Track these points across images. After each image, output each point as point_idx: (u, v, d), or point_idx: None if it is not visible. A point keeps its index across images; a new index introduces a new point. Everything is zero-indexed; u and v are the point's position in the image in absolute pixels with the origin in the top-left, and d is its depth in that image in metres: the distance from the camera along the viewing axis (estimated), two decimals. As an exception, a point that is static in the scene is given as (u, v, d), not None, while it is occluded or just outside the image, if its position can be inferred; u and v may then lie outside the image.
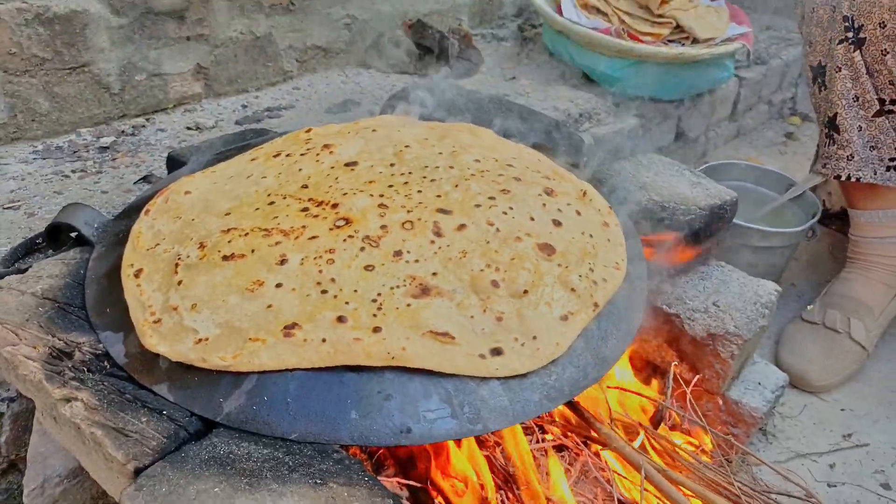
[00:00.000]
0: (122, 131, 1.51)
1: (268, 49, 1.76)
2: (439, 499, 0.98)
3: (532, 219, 0.93)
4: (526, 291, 0.83)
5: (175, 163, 1.19)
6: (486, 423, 0.74)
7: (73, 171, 1.34)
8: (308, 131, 1.12)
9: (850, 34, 1.29)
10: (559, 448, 1.08)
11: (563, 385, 0.78)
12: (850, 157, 1.36)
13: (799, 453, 1.23)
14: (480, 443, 1.05)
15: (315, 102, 1.73)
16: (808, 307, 1.48)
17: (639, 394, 1.03)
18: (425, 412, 0.73)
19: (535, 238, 0.90)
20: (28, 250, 1.07)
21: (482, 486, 0.95)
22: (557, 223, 0.94)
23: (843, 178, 1.38)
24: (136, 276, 0.85)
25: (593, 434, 0.93)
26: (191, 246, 0.87)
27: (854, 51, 1.29)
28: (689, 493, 0.92)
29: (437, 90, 1.37)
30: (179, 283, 0.82)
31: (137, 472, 0.69)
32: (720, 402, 1.12)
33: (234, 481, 0.67)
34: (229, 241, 0.86)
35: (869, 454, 1.27)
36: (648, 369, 1.18)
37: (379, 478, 0.76)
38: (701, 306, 1.11)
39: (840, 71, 1.31)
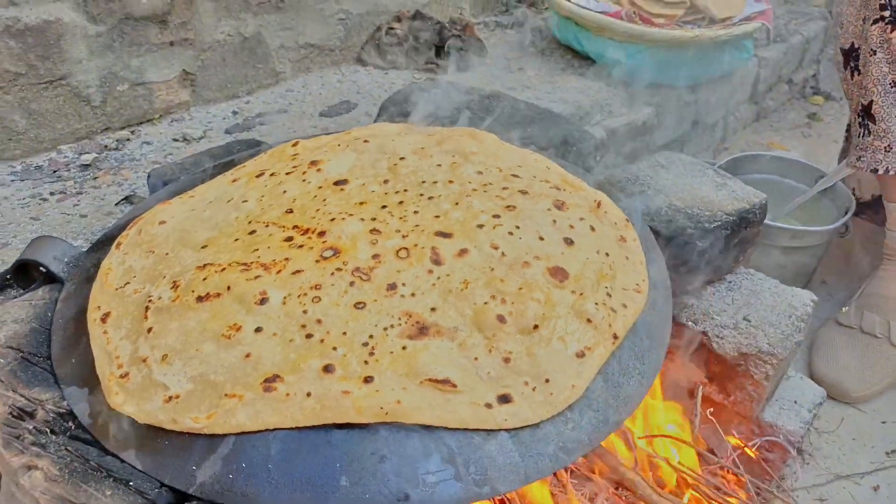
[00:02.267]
0: (106, 146, 1.42)
1: (258, 50, 1.67)
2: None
3: (541, 238, 0.84)
4: (536, 326, 0.74)
5: (156, 182, 1.10)
6: (495, 485, 0.65)
7: (52, 194, 1.26)
8: (295, 145, 1.03)
9: (887, 13, 1.17)
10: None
11: (580, 434, 0.69)
12: (888, 149, 1.24)
13: (839, 475, 1.13)
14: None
15: (309, 105, 1.63)
16: (843, 309, 1.37)
17: (667, 436, 0.94)
18: (425, 475, 0.64)
19: (546, 261, 0.81)
20: (-3, 287, 0.99)
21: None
22: (569, 242, 0.85)
23: (881, 172, 1.26)
24: (103, 320, 0.77)
25: (615, 475, 0.84)
26: (163, 285, 0.79)
27: (891, 31, 1.17)
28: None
29: (437, 91, 1.28)
30: (149, 330, 0.73)
31: (101, 556, 0.61)
32: (754, 427, 1.02)
33: (210, 565, 0.59)
34: (204, 279, 0.77)
35: (915, 471, 1.17)
36: (673, 388, 1.09)
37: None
38: (730, 321, 1.01)
39: (875, 54, 1.19)
